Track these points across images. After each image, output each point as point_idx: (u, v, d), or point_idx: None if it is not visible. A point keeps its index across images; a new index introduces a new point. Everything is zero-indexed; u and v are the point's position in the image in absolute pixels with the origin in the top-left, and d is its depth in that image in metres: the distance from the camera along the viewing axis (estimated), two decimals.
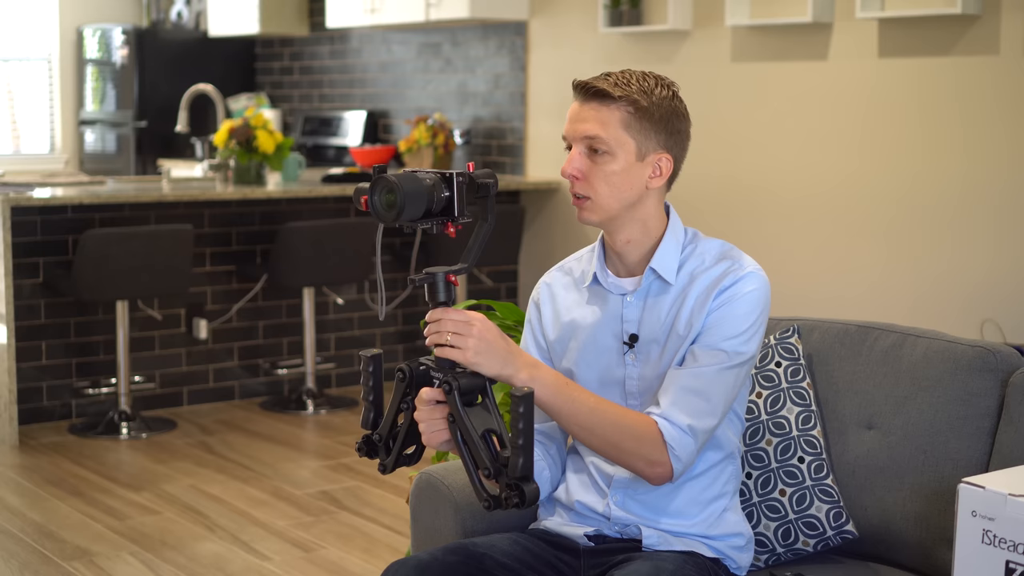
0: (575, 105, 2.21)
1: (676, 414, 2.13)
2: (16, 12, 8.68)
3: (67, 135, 8.81)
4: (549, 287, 2.36)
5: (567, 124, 2.22)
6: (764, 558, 2.44)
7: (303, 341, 6.13)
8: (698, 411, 2.13)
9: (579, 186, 2.21)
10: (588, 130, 2.18)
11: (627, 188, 2.19)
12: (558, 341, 2.31)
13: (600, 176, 2.19)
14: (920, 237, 5.13)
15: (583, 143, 2.19)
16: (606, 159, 2.18)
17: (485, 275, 6.73)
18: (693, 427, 2.13)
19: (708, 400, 2.14)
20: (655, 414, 2.14)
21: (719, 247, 2.26)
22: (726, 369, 2.15)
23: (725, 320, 2.16)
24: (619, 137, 2.17)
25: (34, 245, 5.53)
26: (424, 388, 2.03)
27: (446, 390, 1.99)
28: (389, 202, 1.97)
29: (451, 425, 2.00)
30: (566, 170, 2.21)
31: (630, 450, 2.12)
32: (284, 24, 8.10)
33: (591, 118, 2.18)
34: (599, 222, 2.22)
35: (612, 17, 6.14)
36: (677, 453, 2.12)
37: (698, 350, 2.17)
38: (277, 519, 4.44)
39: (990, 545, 1.86)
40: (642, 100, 2.17)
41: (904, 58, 5.14)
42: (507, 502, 1.95)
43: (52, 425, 5.66)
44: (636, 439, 2.12)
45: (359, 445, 2.10)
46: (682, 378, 2.15)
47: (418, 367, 2.04)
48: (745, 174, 5.75)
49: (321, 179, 6.54)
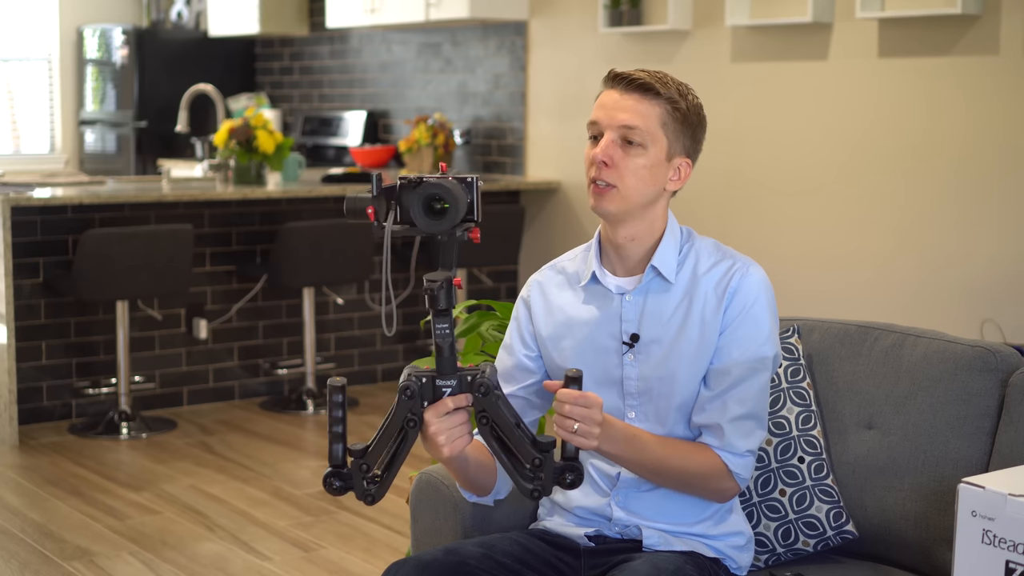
0: (612, 93, 2.19)
1: (735, 443, 2.19)
2: (16, 12, 8.68)
3: (67, 135, 8.81)
4: (540, 285, 2.35)
5: (600, 111, 2.19)
6: (764, 558, 2.44)
7: (303, 341, 6.13)
8: (751, 432, 2.21)
9: (607, 173, 2.18)
10: (627, 120, 2.17)
11: (651, 184, 2.20)
12: (551, 339, 2.30)
13: (629, 167, 2.18)
14: (920, 237, 5.13)
15: (618, 131, 2.18)
16: (638, 151, 2.18)
17: (485, 275, 6.73)
18: (752, 449, 2.21)
19: (756, 419, 2.21)
20: (716, 447, 2.20)
21: (713, 244, 2.28)
22: (763, 383, 2.22)
23: (745, 330, 2.20)
24: (655, 133, 2.18)
25: (34, 245, 5.53)
26: (448, 398, 1.95)
27: (483, 392, 1.94)
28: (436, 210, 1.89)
29: (483, 427, 1.96)
30: (597, 155, 2.17)
31: (699, 486, 2.20)
32: (284, 24, 8.10)
33: (631, 108, 2.17)
34: (615, 213, 2.20)
35: (612, 17, 6.14)
36: (743, 476, 2.21)
37: (729, 367, 2.20)
38: (277, 519, 4.44)
39: (990, 545, 1.86)
40: (681, 102, 2.19)
41: (904, 58, 5.14)
42: (563, 481, 1.94)
43: (52, 425, 5.66)
44: (704, 477, 2.19)
45: (329, 483, 1.96)
46: (730, 407, 2.19)
47: (421, 381, 1.96)
48: (745, 174, 5.75)
49: (321, 179, 6.54)
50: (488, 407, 1.95)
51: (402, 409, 1.95)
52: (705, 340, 2.20)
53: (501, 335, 3.00)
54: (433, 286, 1.91)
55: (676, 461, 2.17)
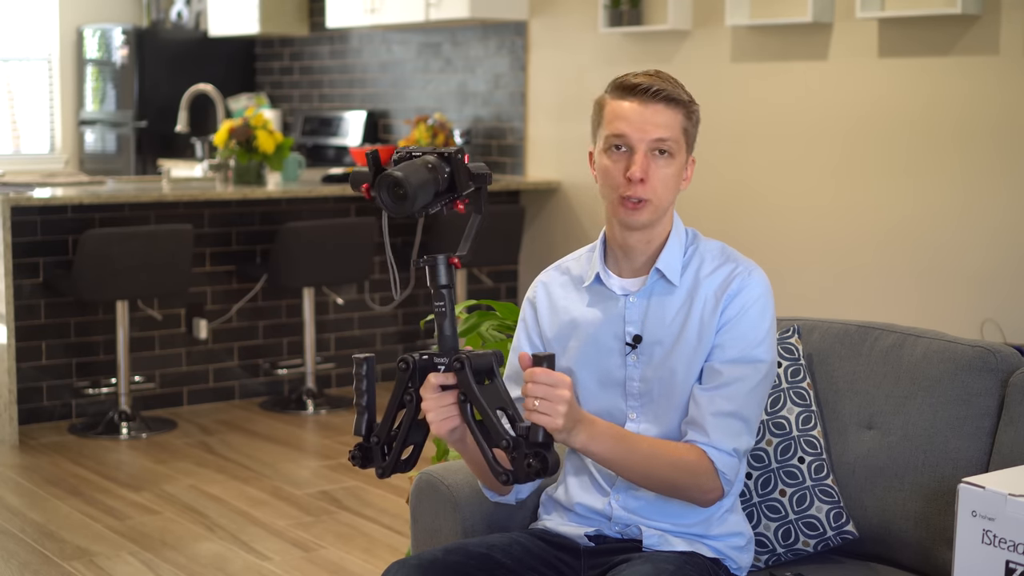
0: (633, 106, 2.17)
1: (721, 440, 2.16)
2: (16, 12, 8.68)
3: (67, 135, 8.81)
4: (546, 286, 2.36)
5: (625, 124, 2.16)
6: (764, 558, 2.44)
7: (303, 341, 6.13)
8: (739, 432, 2.17)
9: (642, 189, 2.17)
10: (659, 133, 2.16)
11: (675, 190, 2.22)
12: (556, 339, 2.31)
13: (659, 178, 2.18)
14: (920, 236, 5.13)
15: (651, 145, 2.17)
16: (667, 161, 2.18)
17: (485, 275, 6.73)
18: (738, 449, 2.17)
19: (745, 420, 2.18)
20: (701, 443, 2.16)
21: (719, 248, 2.27)
22: (755, 385, 2.19)
23: (742, 334, 2.19)
24: (680, 140, 2.19)
25: (34, 245, 5.53)
26: (431, 374, 1.99)
27: (457, 368, 1.96)
28: (399, 196, 1.94)
29: (462, 405, 1.97)
30: (635, 174, 2.15)
31: (686, 485, 2.16)
32: (284, 24, 8.10)
33: (660, 122, 2.16)
34: (648, 223, 2.20)
35: (612, 17, 6.14)
36: (728, 477, 2.17)
37: (721, 366, 2.18)
38: (277, 519, 4.44)
39: (990, 545, 1.86)
40: (692, 104, 2.21)
41: (904, 58, 5.14)
42: (529, 469, 1.91)
43: (52, 425, 5.66)
44: (692, 475, 2.15)
45: (353, 454, 2.03)
46: (717, 403, 2.16)
47: (420, 357, 2.00)
48: (745, 174, 5.75)
49: (321, 179, 6.54)
50: (462, 384, 1.96)
51: (399, 383, 2.00)
52: (702, 341, 2.20)
53: (501, 335, 3.01)
54: (431, 262, 1.98)
55: (663, 458, 2.14)
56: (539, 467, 1.91)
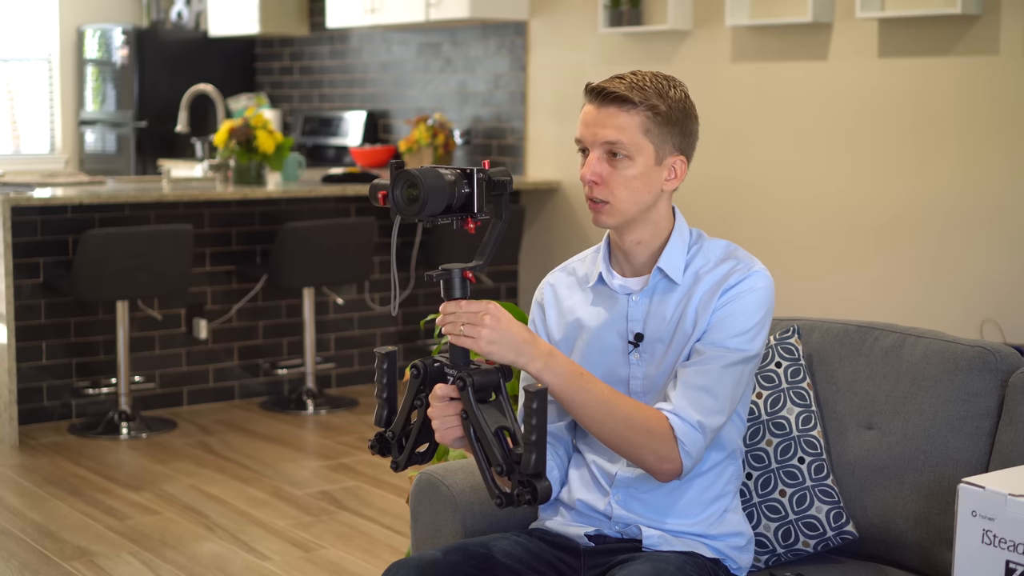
0: (590, 108, 2.19)
1: (686, 409, 2.13)
2: (16, 12, 8.68)
3: (67, 135, 8.81)
4: (553, 287, 2.37)
5: (583, 128, 2.20)
6: (764, 558, 2.44)
7: (303, 341, 6.13)
8: (707, 408, 2.13)
9: (598, 191, 2.18)
10: (608, 135, 2.16)
11: (645, 192, 2.19)
12: (563, 341, 2.31)
13: (619, 180, 2.17)
14: (920, 237, 5.13)
15: (602, 148, 2.17)
16: (625, 163, 2.17)
17: (485, 275, 6.73)
18: (703, 423, 2.13)
19: (716, 398, 2.14)
20: (666, 410, 2.14)
21: (724, 247, 2.27)
22: (730, 366, 2.16)
23: (730, 318, 2.17)
24: (639, 142, 2.17)
25: (34, 245, 5.53)
26: (438, 384, 2.03)
27: (460, 386, 1.99)
28: (411, 196, 1.95)
29: (464, 422, 2.01)
30: (585, 175, 2.18)
31: (641, 444, 2.12)
32: (284, 24, 8.10)
33: (610, 123, 2.16)
34: (614, 225, 2.22)
35: (612, 17, 6.14)
36: (688, 449, 2.12)
37: (703, 347, 2.17)
38: (277, 519, 4.44)
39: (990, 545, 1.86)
40: (660, 105, 2.16)
41: (904, 58, 5.14)
42: (519, 499, 1.94)
43: (52, 425, 5.66)
44: (647, 433, 2.11)
45: (372, 443, 2.11)
46: (689, 375, 2.15)
47: (432, 364, 2.04)
48: (745, 174, 5.75)
49: (321, 179, 6.54)
50: (464, 402, 2.00)
51: (412, 386, 2.06)
52: (696, 333, 2.19)
53: None
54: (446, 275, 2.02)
55: (621, 408, 2.11)
56: (529, 498, 1.95)
